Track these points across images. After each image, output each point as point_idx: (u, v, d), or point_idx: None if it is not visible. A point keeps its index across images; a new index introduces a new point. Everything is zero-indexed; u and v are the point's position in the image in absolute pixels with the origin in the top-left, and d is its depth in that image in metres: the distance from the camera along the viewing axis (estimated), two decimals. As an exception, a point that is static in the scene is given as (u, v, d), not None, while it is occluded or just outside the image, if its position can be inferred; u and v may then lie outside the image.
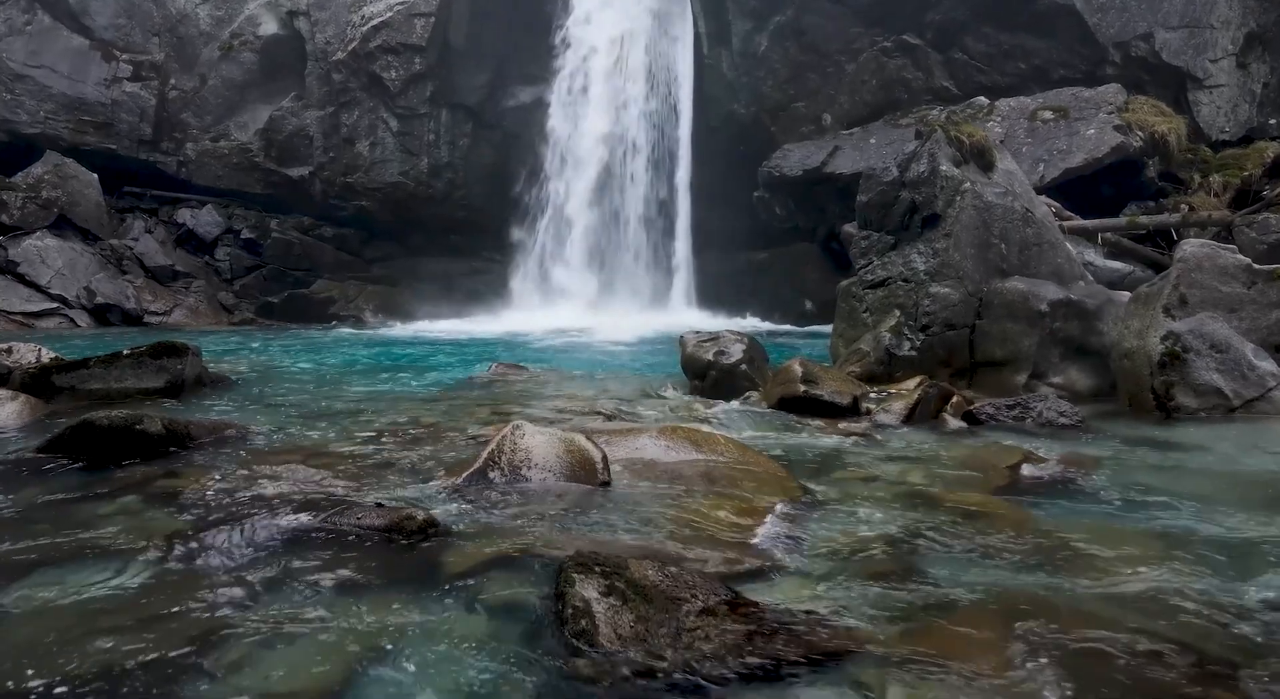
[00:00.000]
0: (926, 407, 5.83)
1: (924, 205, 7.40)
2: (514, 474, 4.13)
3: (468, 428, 5.47)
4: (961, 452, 4.91)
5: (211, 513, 3.54)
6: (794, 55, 15.83)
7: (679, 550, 3.16)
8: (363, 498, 3.79)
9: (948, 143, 7.51)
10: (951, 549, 3.23)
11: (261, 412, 6.02)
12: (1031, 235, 7.46)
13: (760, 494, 3.96)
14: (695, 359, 6.96)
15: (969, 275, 7.19)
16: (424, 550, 3.13)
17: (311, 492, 3.88)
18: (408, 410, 6.19)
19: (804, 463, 4.70)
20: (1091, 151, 10.61)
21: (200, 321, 16.13)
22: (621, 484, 4.09)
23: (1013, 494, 4.05)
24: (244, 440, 4.96)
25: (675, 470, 4.32)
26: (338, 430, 5.38)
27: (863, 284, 7.78)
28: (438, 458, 4.60)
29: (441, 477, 4.19)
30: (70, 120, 17.43)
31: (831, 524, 3.56)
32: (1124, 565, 2.99)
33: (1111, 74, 12.65)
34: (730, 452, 4.56)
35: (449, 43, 18.18)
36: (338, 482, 4.08)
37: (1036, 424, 5.57)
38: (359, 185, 18.52)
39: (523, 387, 7.37)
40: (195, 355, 6.83)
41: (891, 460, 4.76)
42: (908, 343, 7.15)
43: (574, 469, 4.15)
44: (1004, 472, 4.43)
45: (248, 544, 3.17)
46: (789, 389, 6.00)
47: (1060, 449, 4.97)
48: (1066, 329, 6.80)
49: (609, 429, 4.96)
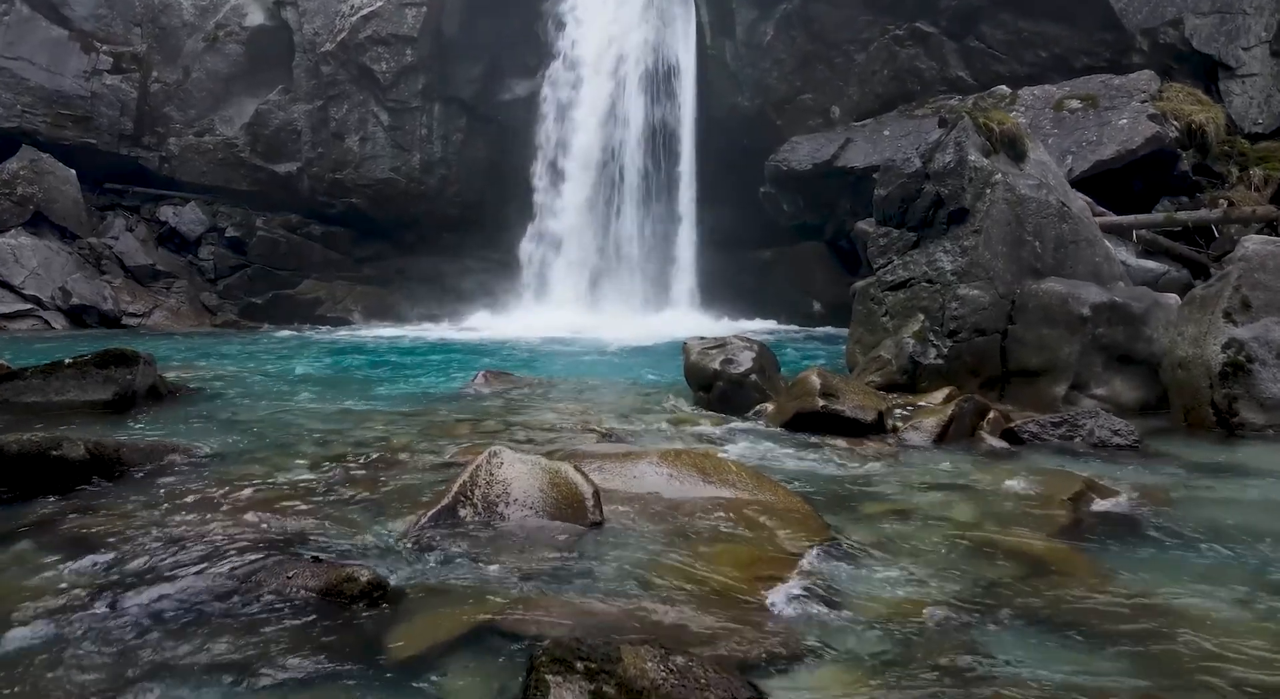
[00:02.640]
0: (961, 424, 5.20)
1: (950, 199, 6.75)
2: (489, 511, 3.51)
3: (444, 450, 4.84)
4: (1008, 478, 4.27)
5: (115, 567, 2.94)
6: (801, 45, 15.19)
7: (685, 622, 2.56)
8: (305, 546, 3.16)
9: (976, 131, 6.86)
10: (1021, 619, 2.62)
11: (214, 429, 5.38)
12: (1067, 232, 6.82)
13: (781, 538, 3.35)
14: (700, 368, 6.31)
15: (1000, 276, 6.55)
16: (366, 623, 2.51)
17: (246, 537, 3.25)
18: (379, 428, 5.55)
19: (827, 494, 4.09)
20: (1124, 143, 9.94)
21: (181, 323, 15.49)
22: (616, 523, 3.48)
23: (1081, 537, 3.44)
24: (184, 467, 4.33)
25: (680, 506, 3.70)
26: (296, 453, 4.76)
27: (882, 285, 7.14)
28: (404, 489, 3.98)
29: (405, 514, 3.57)
30: (48, 114, 16.78)
31: (869, 580, 2.95)
32: (1247, 640, 2.34)
33: (1138, 62, 12.01)
34: (744, 483, 3.94)
35: (442, 33, 17.55)
36: (282, 522, 3.45)
37: (1087, 445, 4.93)
38: (348, 182, 17.88)
39: (510, 398, 6.73)
40: (148, 364, 6.20)
41: (928, 490, 4.15)
42: (933, 350, 6.51)
43: (560, 506, 3.52)
44: (1064, 506, 3.80)
45: (145, 615, 2.55)
46: (806, 404, 5.36)
47: (1120, 476, 4.35)
48: (1110, 335, 6.16)
49: (603, 453, 4.32)
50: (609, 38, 16.94)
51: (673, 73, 16.60)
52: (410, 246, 18.58)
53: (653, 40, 16.71)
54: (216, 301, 16.75)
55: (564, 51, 17.14)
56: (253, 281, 17.18)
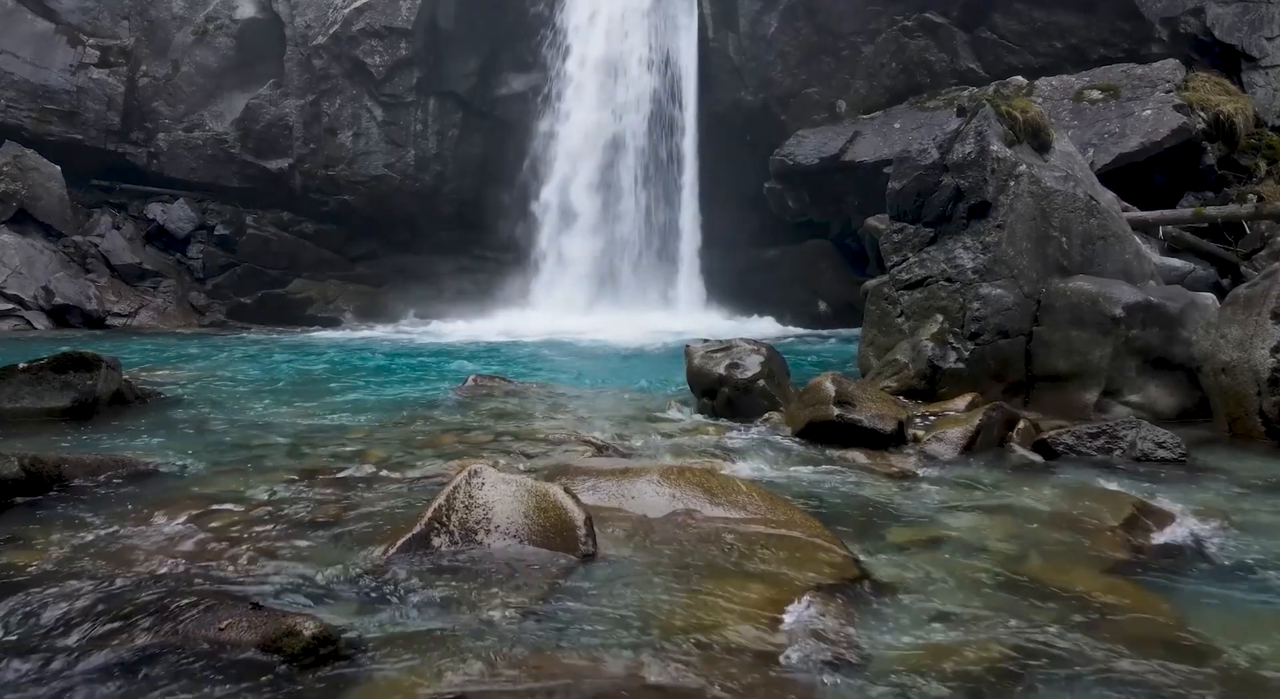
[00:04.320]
0: (989, 434, 4.78)
1: (971, 192, 6.32)
2: (467, 540, 3.11)
3: (425, 464, 4.42)
4: (1048, 498, 3.85)
5: (25, 612, 2.50)
6: (806, 37, 14.75)
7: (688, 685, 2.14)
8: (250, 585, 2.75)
9: (998, 119, 6.43)
10: (1084, 679, 2.19)
11: (177, 440, 4.96)
12: (1096, 227, 6.39)
13: (798, 572, 2.93)
14: (704, 373, 5.88)
15: (1024, 273, 6.12)
16: (309, 691, 2.08)
17: (182, 575, 2.85)
18: (356, 438, 5.13)
19: (847, 516, 3.67)
20: (1149, 135, 9.49)
21: (168, 323, 15.05)
22: (611, 553, 3.07)
23: (1143, 572, 3.03)
24: (132, 484, 3.92)
25: (683, 532, 3.30)
26: (261, 469, 4.34)
27: (896, 284, 6.70)
28: (375, 512, 3.57)
29: (372, 543, 3.15)
30: (33, 109, 16.34)
31: (902, 627, 2.56)
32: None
33: (1157, 53, 11.57)
34: (755, 504, 3.52)
35: (437, 26, 17.10)
36: (229, 555, 3.04)
37: (1129, 458, 4.50)
38: (341, 178, 17.43)
39: (501, 405, 6.30)
40: (111, 369, 5.78)
41: (959, 512, 3.72)
42: (954, 353, 6.08)
43: (548, 534, 3.11)
44: (1117, 533, 3.38)
45: (29, 683, 2.11)
46: (819, 412, 4.94)
47: (1171, 494, 3.92)
48: (1145, 338, 5.72)
49: (598, 469, 3.89)
50: (609, 31, 16.51)
51: (674, 66, 16.17)
52: (404, 245, 18.13)
53: (654, 33, 16.28)
54: (205, 301, 16.31)
55: (563, 45, 16.71)
56: (242, 281, 16.73)
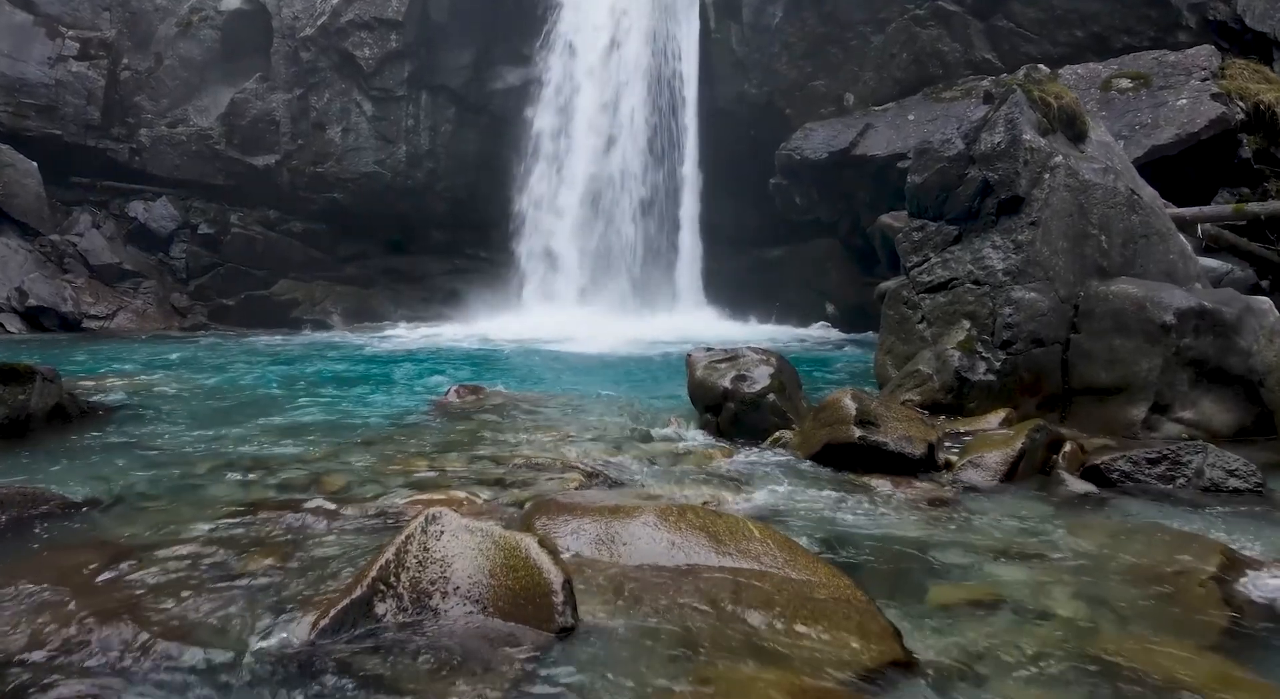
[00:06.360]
0: (1032, 459, 4.22)
1: (1001, 186, 5.74)
2: (418, 606, 2.57)
3: (388, 495, 3.85)
4: (1112, 543, 3.28)
5: None
6: (813, 27, 14.16)
7: None
8: (139, 674, 2.19)
9: (1030, 105, 5.86)
10: None
11: (111, 465, 4.40)
12: (1138, 224, 5.81)
13: (829, 650, 2.37)
14: (707, 386, 5.30)
15: (1060, 276, 5.54)
16: None
17: (54, 658, 2.26)
18: (315, 460, 4.56)
19: (878, 567, 3.13)
20: (1185, 126, 8.89)
21: (147, 326, 14.46)
22: (593, 624, 2.51)
23: (1249, 647, 2.44)
24: (31, 526, 3.35)
25: (683, 592, 2.74)
26: (199, 502, 3.78)
27: (917, 287, 6.12)
28: (320, 560, 3.03)
29: (308, 606, 2.61)
30: (9, 103, 15.73)
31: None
32: None
33: (1184, 41, 10.98)
34: (770, 554, 2.96)
35: (429, 18, 16.51)
36: (113, 631, 2.48)
37: (1196, 488, 3.93)
38: (330, 176, 16.84)
39: (483, 420, 5.73)
40: (49, 381, 5.21)
41: (1009, 560, 3.17)
42: (983, 363, 5.50)
43: (517, 601, 2.56)
44: (1207, 591, 2.79)
45: None
46: (837, 433, 4.36)
47: (1252, 536, 3.35)
48: (1198, 347, 5.13)
49: (584, 506, 3.32)
50: (607, 23, 15.92)
51: (675, 59, 15.59)
52: (395, 245, 17.54)
53: (653, 25, 15.70)
54: (187, 303, 15.72)
55: (559, 37, 16.12)
56: (226, 282, 16.13)
